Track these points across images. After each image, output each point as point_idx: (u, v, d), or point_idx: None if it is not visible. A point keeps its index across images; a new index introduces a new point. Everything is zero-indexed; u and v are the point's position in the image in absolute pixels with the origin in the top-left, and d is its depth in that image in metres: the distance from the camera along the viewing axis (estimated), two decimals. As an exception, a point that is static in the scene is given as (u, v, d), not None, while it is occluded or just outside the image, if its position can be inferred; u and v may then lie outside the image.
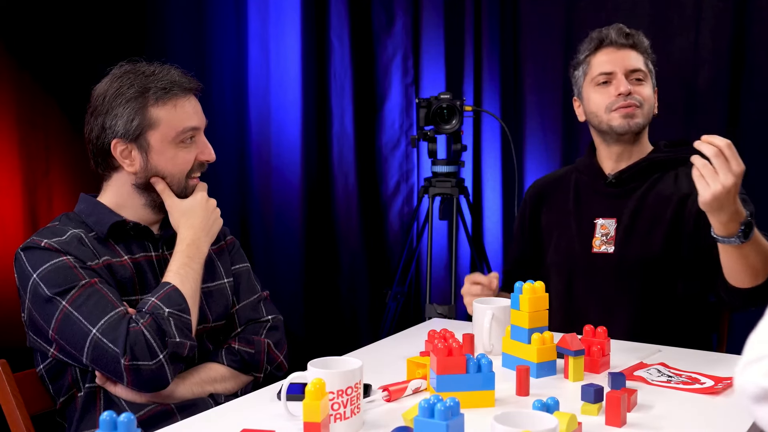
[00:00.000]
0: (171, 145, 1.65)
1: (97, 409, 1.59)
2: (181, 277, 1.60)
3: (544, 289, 1.63)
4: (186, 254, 1.63)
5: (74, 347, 1.53)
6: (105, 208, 1.68)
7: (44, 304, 1.55)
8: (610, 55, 2.03)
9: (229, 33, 3.67)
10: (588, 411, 1.36)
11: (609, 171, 2.07)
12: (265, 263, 3.64)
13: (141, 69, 1.67)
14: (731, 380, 1.54)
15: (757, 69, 2.85)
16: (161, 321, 1.52)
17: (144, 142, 1.64)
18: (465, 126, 3.06)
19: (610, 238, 2.01)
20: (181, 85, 1.66)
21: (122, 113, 1.63)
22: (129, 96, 1.63)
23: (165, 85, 1.64)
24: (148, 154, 1.65)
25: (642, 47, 2.05)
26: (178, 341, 1.53)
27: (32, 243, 1.59)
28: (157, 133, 1.64)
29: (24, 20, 3.01)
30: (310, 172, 3.67)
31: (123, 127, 1.63)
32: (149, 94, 1.63)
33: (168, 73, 1.67)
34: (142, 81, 1.64)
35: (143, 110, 1.63)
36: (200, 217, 1.67)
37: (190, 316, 1.58)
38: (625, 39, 2.03)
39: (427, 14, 3.49)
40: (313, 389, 1.23)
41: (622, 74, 2.01)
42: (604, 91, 2.02)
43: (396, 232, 3.63)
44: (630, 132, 2.01)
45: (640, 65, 2.03)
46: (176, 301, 1.56)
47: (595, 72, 2.04)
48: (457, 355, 1.40)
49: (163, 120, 1.64)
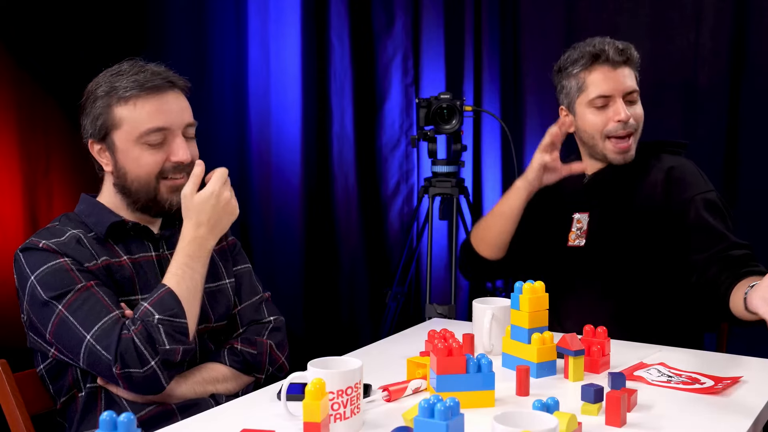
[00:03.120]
0: (135, 145, 1.61)
1: (97, 410, 1.59)
2: (178, 278, 1.56)
3: (544, 289, 1.63)
4: (186, 253, 1.58)
5: (71, 351, 1.53)
6: (104, 208, 1.67)
7: (41, 307, 1.55)
8: (607, 74, 2.01)
9: (229, 33, 3.67)
10: (588, 411, 1.36)
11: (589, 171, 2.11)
12: (265, 263, 3.63)
13: (117, 68, 1.64)
14: (731, 380, 1.54)
15: (757, 69, 2.85)
16: (151, 328, 1.50)
17: (111, 141, 1.63)
18: (465, 126, 3.06)
19: (583, 232, 2.05)
20: (150, 83, 1.60)
21: (91, 112, 1.62)
22: (98, 95, 1.62)
23: (130, 84, 1.59)
24: (115, 155, 1.63)
25: (634, 62, 2.04)
26: (168, 348, 1.51)
27: (31, 244, 1.59)
28: (122, 133, 1.61)
29: (24, 20, 3.01)
30: (310, 172, 3.67)
31: (91, 126, 1.63)
32: (114, 93, 1.60)
33: (139, 72, 1.61)
34: (111, 80, 1.62)
35: (108, 109, 1.61)
36: (207, 213, 1.59)
37: (184, 319, 1.54)
38: (620, 56, 2.01)
39: (427, 14, 3.49)
40: (313, 389, 1.23)
41: (620, 97, 2.00)
42: (602, 114, 2.02)
43: (396, 232, 3.63)
44: (624, 163, 2.04)
45: (634, 84, 2.03)
46: (168, 306, 1.53)
47: (592, 94, 2.02)
48: (457, 355, 1.40)
49: (125, 119, 1.60)
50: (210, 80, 3.64)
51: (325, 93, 3.66)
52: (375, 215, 3.66)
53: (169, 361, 1.52)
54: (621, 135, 2.01)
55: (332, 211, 3.68)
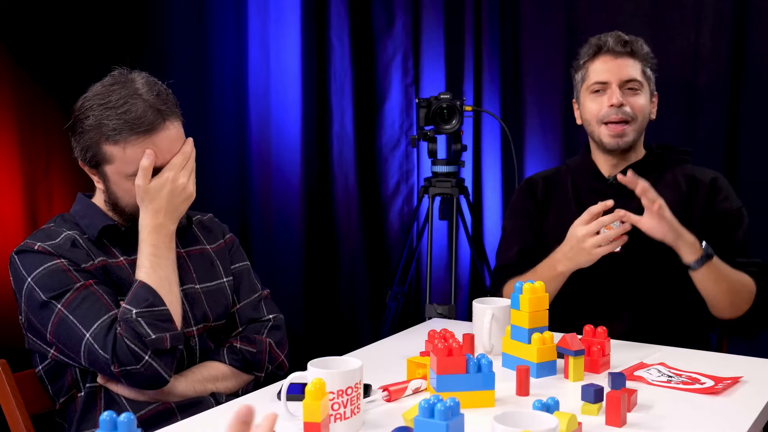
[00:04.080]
0: (127, 180, 1.60)
1: (97, 409, 1.59)
2: (147, 270, 1.56)
3: (544, 289, 1.63)
4: (150, 243, 1.58)
5: (71, 350, 1.54)
6: (98, 211, 1.67)
7: (40, 308, 1.55)
8: (607, 63, 2.04)
9: (229, 33, 3.66)
10: (588, 411, 1.36)
11: (606, 173, 2.10)
12: (265, 263, 3.63)
13: (108, 95, 1.57)
14: (731, 380, 1.54)
15: (757, 69, 2.85)
16: (133, 325, 1.51)
17: (102, 171, 1.62)
18: (465, 126, 3.06)
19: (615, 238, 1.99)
20: (139, 125, 1.55)
21: (81, 141, 1.60)
22: (86, 126, 1.58)
23: (117, 126, 1.55)
24: (107, 183, 1.63)
25: (641, 54, 2.05)
26: (155, 338, 1.51)
27: (26, 246, 1.59)
28: (113, 167, 1.60)
29: (24, 20, 3.01)
30: (310, 172, 3.67)
31: (81, 155, 1.62)
32: (103, 130, 1.56)
33: (131, 104, 1.55)
34: (100, 114, 1.56)
35: (97, 145, 1.58)
36: (164, 200, 1.59)
37: (164, 306, 1.54)
38: (622, 47, 2.03)
39: (427, 14, 3.49)
40: (313, 389, 1.23)
41: (616, 84, 2.02)
42: (598, 100, 2.05)
43: (396, 232, 3.63)
44: (620, 149, 2.04)
45: (635, 74, 2.03)
46: (143, 298, 1.53)
47: (591, 80, 2.06)
48: (457, 355, 1.40)
49: (116, 157, 1.58)
50: (210, 80, 3.64)
51: (325, 93, 3.66)
52: (375, 215, 3.65)
53: (159, 350, 1.51)
54: (614, 120, 2.01)
55: (332, 211, 3.68)
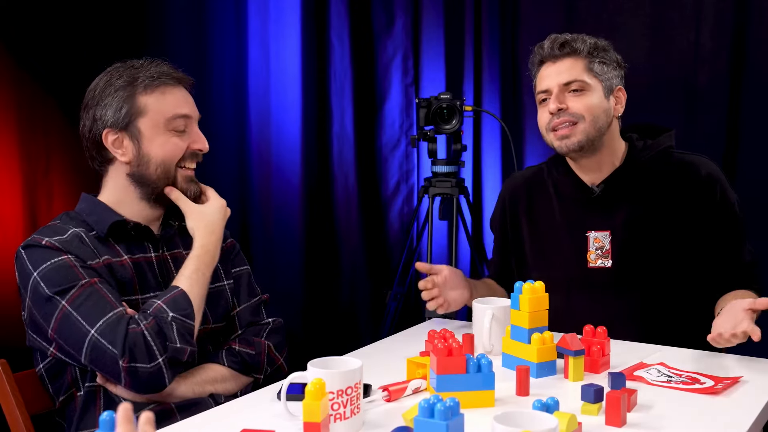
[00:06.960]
0: (162, 131, 1.66)
1: (96, 409, 1.59)
2: (192, 282, 1.61)
3: (544, 289, 1.63)
4: (201, 260, 1.65)
5: (73, 347, 1.53)
6: (105, 207, 1.68)
7: (44, 303, 1.55)
8: (548, 69, 1.97)
9: (229, 33, 3.67)
10: (588, 411, 1.36)
11: (589, 182, 2.01)
12: (265, 263, 3.63)
13: (131, 63, 1.70)
14: (731, 380, 1.54)
15: (757, 69, 2.85)
16: (163, 324, 1.53)
17: (134, 129, 1.65)
18: (465, 126, 3.06)
19: (606, 252, 1.97)
20: (170, 75, 1.69)
21: (111, 103, 1.65)
22: (118, 86, 1.65)
23: (153, 74, 1.67)
24: (139, 141, 1.66)
25: (583, 52, 1.94)
26: (179, 347, 1.53)
27: (33, 241, 1.59)
28: (147, 120, 1.65)
29: (24, 20, 3.01)
30: (310, 172, 3.67)
31: (113, 116, 1.65)
32: (138, 83, 1.65)
33: (157, 66, 1.70)
34: (131, 72, 1.67)
35: (132, 98, 1.65)
36: (220, 226, 1.70)
37: (194, 321, 1.58)
38: (560, 49, 1.95)
39: (427, 14, 3.49)
40: (313, 389, 1.23)
41: (557, 90, 1.94)
42: (544, 109, 1.98)
43: (396, 232, 3.63)
44: (570, 152, 1.96)
45: (575, 75, 1.93)
46: (182, 306, 1.56)
47: (537, 90, 2.01)
48: (457, 355, 1.40)
49: (152, 107, 1.65)
50: (210, 80, 3.64)
51: (325, 93, 3.66)
52: (375, 215, 3.65)
53: (176, 360, 1.53)
54: (557, 124, 1.93)
55: (332, 211, 3.68)
